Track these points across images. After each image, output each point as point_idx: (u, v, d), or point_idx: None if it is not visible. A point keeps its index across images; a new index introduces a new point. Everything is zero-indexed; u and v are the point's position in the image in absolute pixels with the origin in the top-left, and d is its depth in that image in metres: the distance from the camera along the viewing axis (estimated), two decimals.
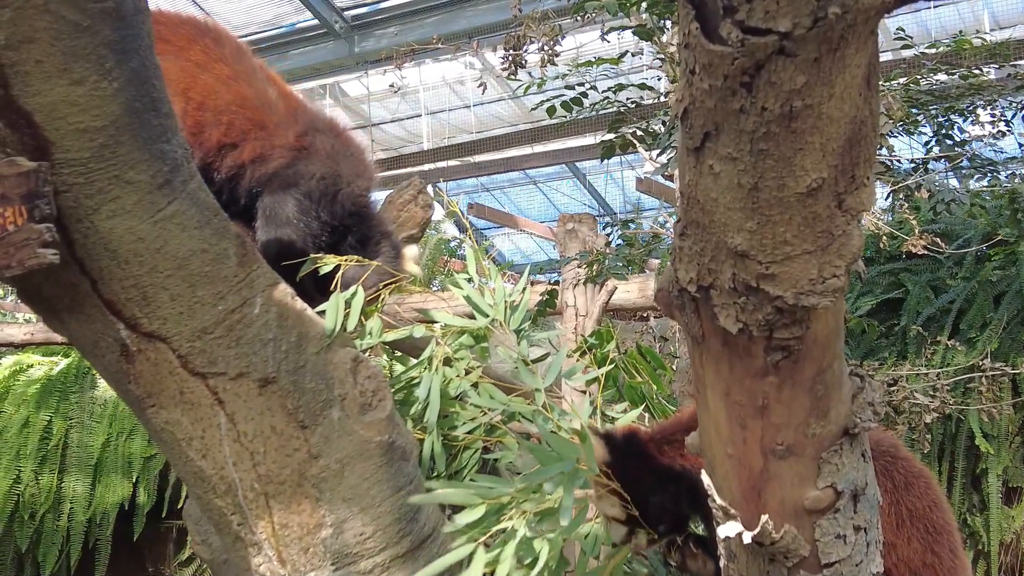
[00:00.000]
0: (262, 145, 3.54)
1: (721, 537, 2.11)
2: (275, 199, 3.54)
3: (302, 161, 3.58)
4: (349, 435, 2.86)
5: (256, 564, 2.86)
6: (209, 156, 3.48)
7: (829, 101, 1.44)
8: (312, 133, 3.63)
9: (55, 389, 9.66)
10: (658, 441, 2.96)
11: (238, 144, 3.53)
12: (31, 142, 2.27)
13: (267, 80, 3.65)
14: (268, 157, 3.54)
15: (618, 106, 5.74)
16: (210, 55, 3.51)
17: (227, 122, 3.50)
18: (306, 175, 3.56)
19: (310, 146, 3.60)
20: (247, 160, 3.53)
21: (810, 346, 1.77)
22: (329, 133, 3.71)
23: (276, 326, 2.75)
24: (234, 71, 3.53)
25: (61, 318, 2.64)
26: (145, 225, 2.46)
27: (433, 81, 14.00)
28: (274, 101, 3.60)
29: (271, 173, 3.56)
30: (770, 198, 1.54)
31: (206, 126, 3.47)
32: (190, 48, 3.49)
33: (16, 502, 9.29)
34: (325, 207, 3.60)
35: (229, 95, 3.49)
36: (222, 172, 3.52)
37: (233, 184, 3.55)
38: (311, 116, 3.72)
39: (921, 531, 2.71)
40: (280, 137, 3.56)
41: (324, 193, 3.59)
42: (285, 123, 3.59)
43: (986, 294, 6.86)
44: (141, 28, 2.38)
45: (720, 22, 1.38)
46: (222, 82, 3.49)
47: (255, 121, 3.53)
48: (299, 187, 3.55)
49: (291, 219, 3.52)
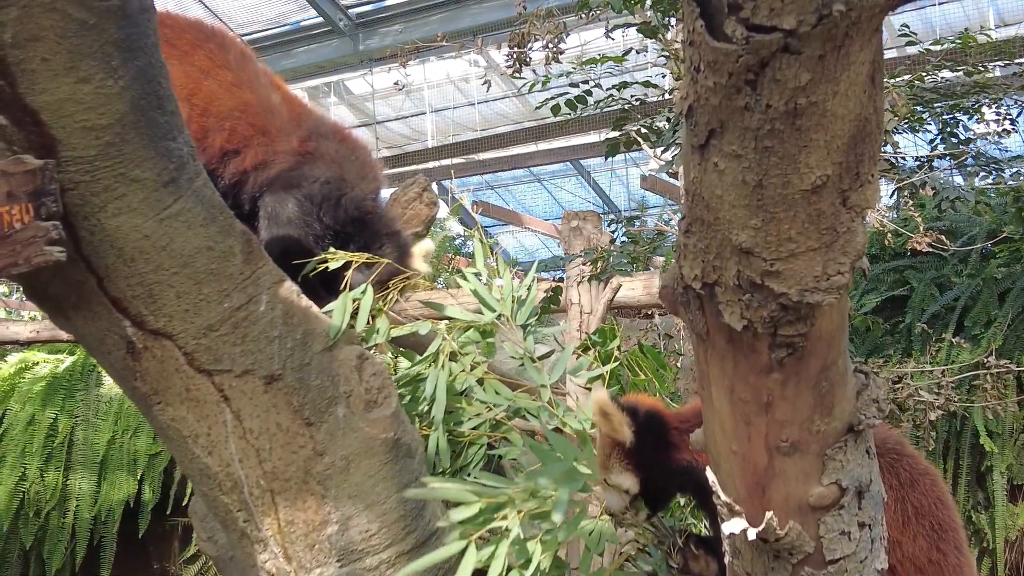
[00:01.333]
0: (264, 151, 3.55)
1: (726, 533, 2.11)
2: (276, 199, 3.56)
3: (306, 165, 3.59)
4: (354, 432, 2.87)
5: (262, 561, 2.86)
6: (212, 162, 3.49)
7: (834, 98, 1.45)
8: (316, 138, 3.65)
9: (61, 387, 9.67)
10: (681, 429, 2.96)
11: (240, 151, 3.55)
12: (37, 140, 2.28)
13: (271, 85, 3.66)
14: (270, 163, 3.56)
15: (622, 104, 5.74)
16: (214, 60, 3.53)
17: (230, 128, 3.51)
18: (309, 178, 3.57)
19: (315, 151, 3.61)
20: (249, 167, 3.55)
21: (814, 343, 1.77)
22: (333, 137, 3.72)
23: (282, 323, 2.76)
24: (237, 77, 3.54)
25: (67, 316, 2.65)
26: (151, 223, 2.47)
27: (437, 79, 14.00)
28: (277, 107, 3.62)
29: (273, 176, 3.57)
30: (775, 195, 1.54)
31: (209, 132, 3.48)
32: (194, 53, 3.50)
33: (22, 499, 9.30)
34: (328, 211, 3.60)
35: (232, 101, 3.50)
36: (225, 178, 3.54)
37: (236, 190, 3.57)
38: (315, 120, 3.74)
39: (927, 528, 2.71)
40: (283, 143, 3.57)
41: (327, 197, 3.59)
42: (288, 129, 3.60)
43: (991, 291, 6.85)
44: (147, 26, 2.38)
45: (724, 19, 1.38)
46: (225, 88, 3.50)
47: (258, 127, 3.55)
48: (301, 188, 3.56)
49: (292, 219, 3.53)
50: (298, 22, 13.13)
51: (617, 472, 3.04)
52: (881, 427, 2.89)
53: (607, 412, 3.00)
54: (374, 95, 14.05)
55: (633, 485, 3.04)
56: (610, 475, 3.05)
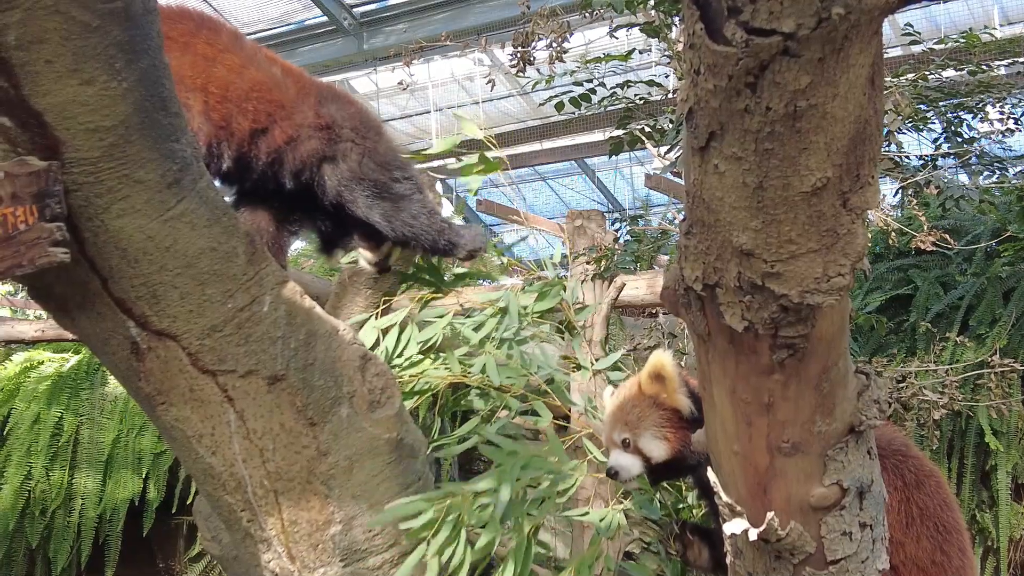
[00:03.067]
0: (289, 125, 3.62)
1: (727, 534, 2.12)
2: (364, 194, 3.75)
3: (339, 142, 3.72)
4: (358, 432, 2.87)
5: (266, 560, 2.87)
6: (244, 146, 3.54)
7: (833, 101, 1.45)
8: (324, 104, 3.74)
9: (66, 386, 9.69)
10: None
11: (268, 128, 3.60)
12: (42, 141, 2.29)
13: (268, 60, 3.71)
14: (299, 138, 3.63)
15: (626, 102, 5.74)
16: (214, 46, 3.55)
17: (252, 109, 3.55)
18: (353, 161, 3.72)
19: (332, 123, 3.70)
20: (282, 143, 3.61)
21: (815, 344, 1.78)
22: (336, 101, 3.82)
23: (285, 324, 2.77)
24: (240, 58, 3.58)
25: (72, 316, 2.66)
26: (155, 224, 2.47)
27: (442, 78, 13.99)
28: (282, 80, 3.67)
29: (315, 157, 3.67)
30: (775, 197, 1.55)
31: (233, 117, 3.51)
32: (194, 42, 3.52)
33: (27, 498, 9.32)
34: (379, 177, 3.77)
35: (245, 83, 3.53)
36: (261, 158, 3.59)
37: (276, 168, 3.63)
38: (316, 87, 3.82)
39: (931, 530, 2.70)
40: (300, 115, 3.65)
41: (381, 159, 3.79)
42: (299, 100, 3.67)
43: (995, 290, 6.84)
44: (150, 28, 2.39)
45: (724, 23, 1.39)
46: (235, 72, 3.53)
47: (276, 103, 3.60)
48: (364, 182, 3.73)
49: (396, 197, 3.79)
50: (302, 21, 13.14)
51: (649, 438, 3.00)
52: (886, 428, 2.89)
53: (665, 376, 2.97)
54: (378, 94, 14.04)
55: (663, 454, 2.99)
56: (639, 439, 3.00)
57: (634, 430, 3.01)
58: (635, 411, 3.02)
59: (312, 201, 3.77)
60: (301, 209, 3.84)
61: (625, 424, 3.03)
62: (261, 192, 3.74)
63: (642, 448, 3.00)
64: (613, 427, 3.07)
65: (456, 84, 14.20)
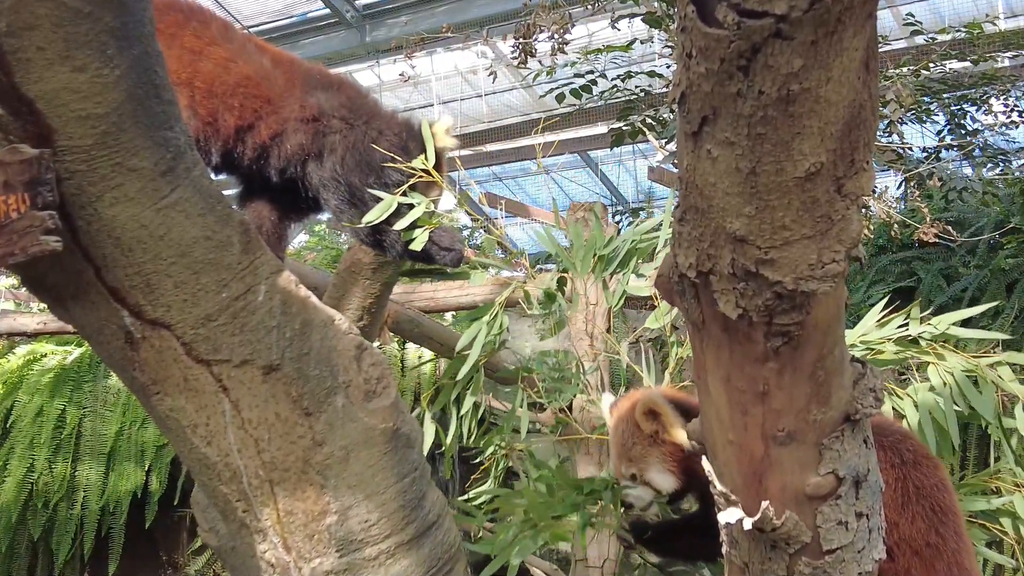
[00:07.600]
0: (275, 120, 3.60)
1: (722, 523, 2.11)
2: (338, 186, 3.71)
3: (325, 135, 3.67)
4: (354, 422, 2.86)
5: (262, 551, 2.86)
6: (230, 143, 3.53)
7: (827, 85, 1.43)
8: (312, 92, 3.69)
9: (68, 378, 9.72)
10: None
11: (254, 124, 3.58)
12: (33, 129, 2.27)
13: (257, 50, 3.68)
14: (284, 132, 3.60)
15: (627, 94, 5.74)
16: (202, 39, 3.53)
17: (238, 105, 3.53)
18: (337, 157, 3.68)
19: (319, 114, 3.65)
20: (267, 139, 3.59)
21: (810, 332, 1.76)
22: (325, 88, 3.76)
23: (280, 313, 2.75)
24: (229, 51, 3.56)
25: (66, 306, 2.64)
26: (148, 212, 2.46)
27: (445, 70, 14.00)
28: (271, 72, 3.65)
29: (298, 151, 3.62)
30: (768, 183, 1.53)
31: (219, 113, 3.50)
32: (182, 35, 3.51)
33: (30, 491, 9.35)
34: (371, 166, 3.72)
35: (232, 77, 3.52)
36: (247, 155, 3.58)
37: (262, 164, 3.61)
38: (304, 75, 3.77)
39: (927, 510, 2.66)
40: (287, 108, 3.62)
41: (361, 158, 3.70)
42: (286, 92, 3.64)
43: (999, 282, 6.83)
44: (142, 15, 2.37)
45: (716, 5, 1.38)
46: (222, 66, 3.51)
47: (262, 97, 3.58)
48: (340, 186, 3.69)
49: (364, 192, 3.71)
50: (305, 14, 13.14)
51: (657, 471, 3.02)
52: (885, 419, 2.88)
53: (660, 412, 2.98)
54: (381, 87, 14.03)
55: (671, 486, 3.02)
56: (646, 472, 3.02)
57: (639, 466, 3.03)
58: (636, 448, 3.04)
59: (306, 192, 3.76)
60: (301, 199, 3.83)
61: (630, 460, 3.05)
62: (257, 183, 3.73)
63: (649, 482, 3.03)
64: (619, 461, 3.09)
65: (459, 77, 14.20)
